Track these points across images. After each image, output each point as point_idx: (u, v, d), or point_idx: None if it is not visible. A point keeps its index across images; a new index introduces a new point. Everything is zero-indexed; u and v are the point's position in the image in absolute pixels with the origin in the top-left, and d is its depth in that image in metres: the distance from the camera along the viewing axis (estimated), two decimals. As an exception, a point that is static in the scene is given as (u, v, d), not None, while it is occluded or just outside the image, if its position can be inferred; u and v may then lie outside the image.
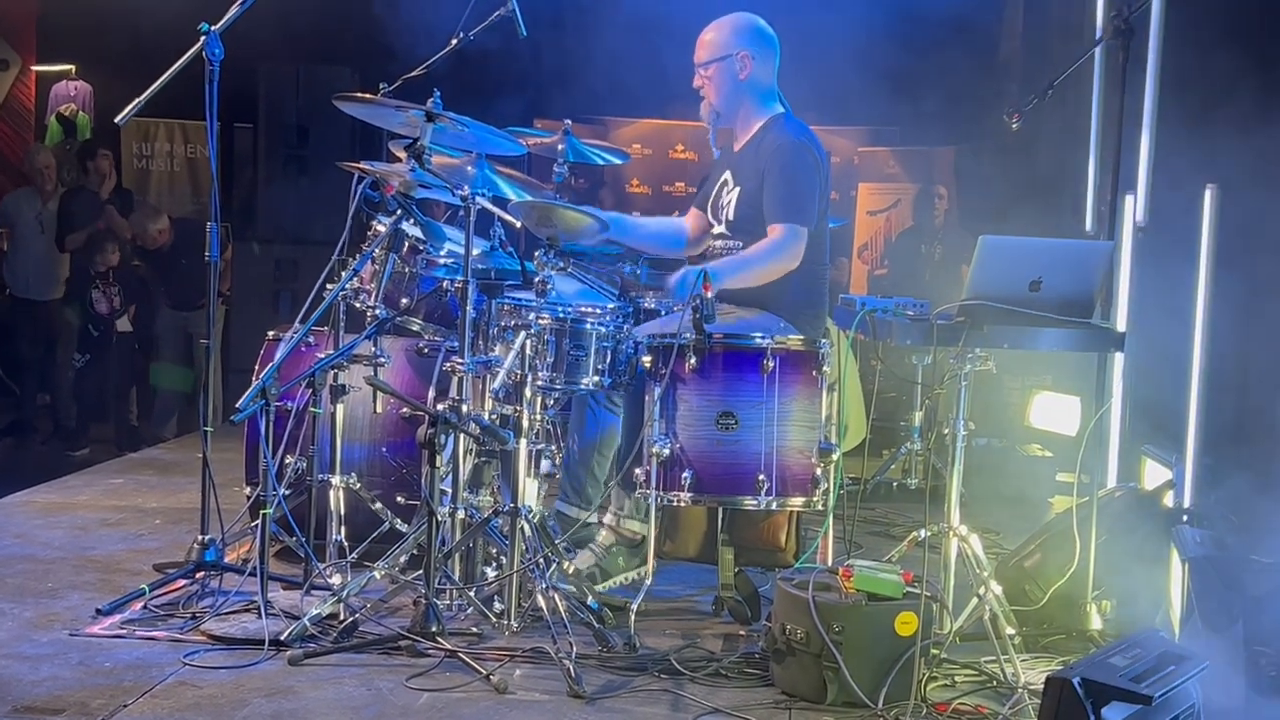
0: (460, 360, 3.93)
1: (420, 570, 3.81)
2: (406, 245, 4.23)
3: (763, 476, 3.84)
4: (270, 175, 8.74)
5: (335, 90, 4.36)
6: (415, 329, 4.44)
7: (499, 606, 3.92)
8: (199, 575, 4.15)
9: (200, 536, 4.21)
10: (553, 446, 4.24)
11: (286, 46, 8.49)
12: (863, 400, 5.62)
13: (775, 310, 4.27)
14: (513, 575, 3.88)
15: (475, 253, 4.01)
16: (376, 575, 3.95)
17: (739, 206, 4.41)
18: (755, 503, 3.87)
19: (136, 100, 4.21)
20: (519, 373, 3.97)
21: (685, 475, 3.85)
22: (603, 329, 4.05)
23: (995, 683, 3.58)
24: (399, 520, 4.40)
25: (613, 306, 4.16)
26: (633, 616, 3.81)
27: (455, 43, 4.60)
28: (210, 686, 3.38)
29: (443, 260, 4.30)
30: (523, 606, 3.89)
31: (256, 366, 4.57)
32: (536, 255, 4.05)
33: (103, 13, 8.96)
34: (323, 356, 4.12)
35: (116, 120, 4.34)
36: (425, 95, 4.10)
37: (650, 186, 10.58)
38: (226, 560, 4.24)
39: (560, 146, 4.73)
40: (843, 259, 9.33)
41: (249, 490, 4.54)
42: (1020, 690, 3.45)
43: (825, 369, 3.95)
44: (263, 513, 3.86)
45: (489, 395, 4.07)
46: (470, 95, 4.84)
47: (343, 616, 3.80)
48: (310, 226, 8.08)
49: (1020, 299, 3.63)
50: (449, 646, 3.62)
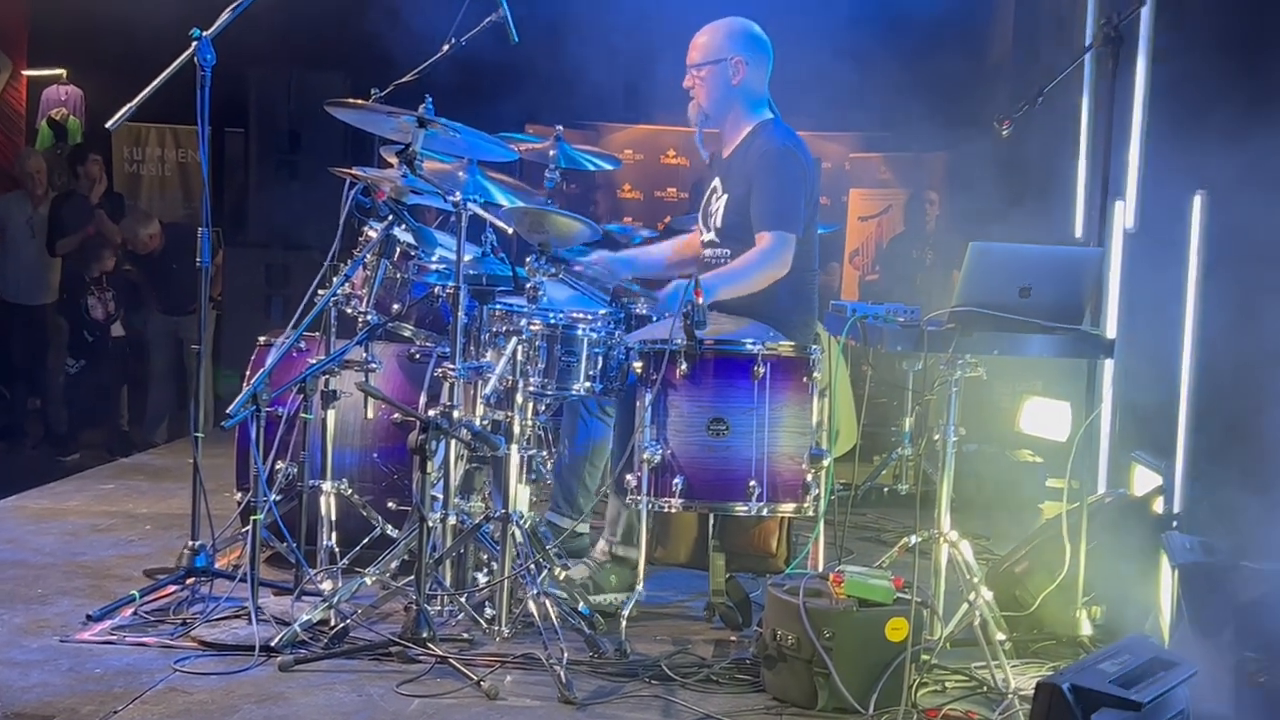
0: (452, 366, 3.93)
1: (411, 576, 3.81)
2: (398, 251, 4.23)
3: (754, 482, 3.84)
4: (262, 180, 8.73)
5: (327, 95, 4.36)
6: (407, 334, 4.44)
7: (490, 612, 3.92)
8: (190, 581, 4.14)
9: (191, 542, 4.21)
10: (544, 452, 4.24)
11: (278, 52, 8.47)
12: (854, 406, 5.63)
13: (764, 318, 4.27)
14: (504, 581, 3.88)
15: (467, 258, 4.01)
16: (367, 581, 3.94)
17: (726, 214, 4.42)
18: (746, 508, 3.87)
19: (128, 105, 4.19)
20: (510, 378, 3.98)
21: (676, 481, 3.85)
22: (594, 335, 4.05)
23: (985, 688, 3.58)
24: (390, 526, 4.40)
25: (604, 312, 4.16)
26: (624, 622, 3.81)
27: (447, 48, 4.60)
28: (201, 692, 3.38)
29: (434, 266, 4.30)
30: (514, 612, 3.89)
31: (248, 372, 4.56)
32: (528, 261, 4.06)
33: (94, 17, 8.93)
34: (314, 362, 4.13)
35: (108, 125, 4.33)
36: (417, 101, 4.11)
37: (642, 191, 10.61)
38: (217, 566, 4.23)
39: (552, 152, 4.75)
40: (834, 264, 9.33)
41: (240, 496, 4.54)
42: (1010, 696, 3.46)
43: (816, 375, 3.95)
44: (253, 518, 3.86)
45: (480, 401, 4.07)
46: (462, 101, 4.84)
47: (334, 622, 3.79)
48: (302, 232, 8.05)
49: (1010, 305, 3.65)
50: (440, 652, 3.62)
